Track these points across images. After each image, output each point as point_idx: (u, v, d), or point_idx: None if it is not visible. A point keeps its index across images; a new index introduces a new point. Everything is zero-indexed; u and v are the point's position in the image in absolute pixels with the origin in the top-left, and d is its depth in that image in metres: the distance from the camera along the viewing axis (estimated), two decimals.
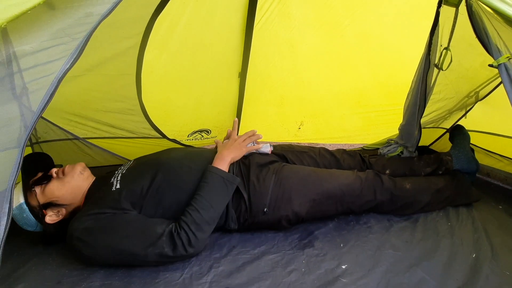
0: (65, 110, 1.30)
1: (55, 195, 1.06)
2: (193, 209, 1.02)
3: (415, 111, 1.34)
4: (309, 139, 2.01)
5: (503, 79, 0.92)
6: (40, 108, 0.54)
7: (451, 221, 1.24)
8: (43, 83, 0.55)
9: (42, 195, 1.05)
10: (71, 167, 1.13)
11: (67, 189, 1.08)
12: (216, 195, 1.08)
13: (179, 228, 0.99)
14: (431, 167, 1.43)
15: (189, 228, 0.99)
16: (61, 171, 1.11)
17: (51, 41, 0.56)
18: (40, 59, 0.56)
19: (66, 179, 1.09)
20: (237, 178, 1.14)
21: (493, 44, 0.93)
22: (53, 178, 1.08)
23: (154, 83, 1.38)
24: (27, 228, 1.06)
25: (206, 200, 1.05)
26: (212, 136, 1.89)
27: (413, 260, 1.04)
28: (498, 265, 1.01)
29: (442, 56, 1.22)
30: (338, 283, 0.96)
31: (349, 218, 1.28)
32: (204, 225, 1.01)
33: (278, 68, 1.67)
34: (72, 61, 0.56)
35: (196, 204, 1.03)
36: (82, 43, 0.57)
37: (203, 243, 1.02)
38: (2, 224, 0.50)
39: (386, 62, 1.60)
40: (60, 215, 1.08)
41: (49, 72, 0.55)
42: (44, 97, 0.54)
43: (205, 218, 1.02)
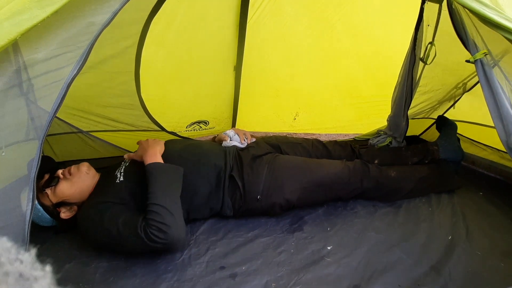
0: (69, 105, 1.38)
1: (66, 195, 1.13)
2: (150, 204, 1.02)
3: (402, 103, 1.40)
4: (304, 130, 2.08)
5: (479, 75, 0.98)
6: (54, 109, 0.62)
7: (432, 206, 1.33)
8: (55, 88, 0.62)
9: (54, 195, 1.12)
10: (76, 167, 1.18)
11: (76, 188, 1.15)
12: (165, 185, 1.08)
13: (147, 226, 0.98)
14: (418, 156, 1.50)
15: (155, 222, 0.98)
16: (68, 172, 1.16)
17: (59, 49, 0.63)
18: (51, 66, 0.63)
19: (74, 179, 1.15)
20: (178, 167, 1.15)
21: (471, 40, 0.99)
22: (61, 179, 1.14)
23: (152, 78, 1.44)
24: (44, 224, 1.16)
25: (159, 192, 1.05)
26: (210, 127, 1.96)
27: (393, 242, 1.13)
28: (471, 246, 1.10)
29: (427, 51, 1.27)
30: (322, 262, 1.06)
31: (337, 204, 1.37)
32: (167, 215, 1.00)
33: (272, 62, 1.72)
34: (78, 67, 0.64)
35: (151, 199, 1.03)
36: (86, 51, 0.64)
37: (175, 230, 0.99)
38: (28, 208, 0.59)
39: (375, 54, 1.65)
40: (73, 211, 1.16)
41: (59, 77, 0.63)
42: (56, 100, 0.61)
43: (166, 208, 1.01)
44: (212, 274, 1.01)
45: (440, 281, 0.95)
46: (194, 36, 1.42)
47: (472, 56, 0.99)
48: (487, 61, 0.97)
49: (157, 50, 1.36)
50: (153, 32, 1.22)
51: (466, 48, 1.01)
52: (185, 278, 1.00)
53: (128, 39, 1.15)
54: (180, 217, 1.04)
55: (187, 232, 1.21)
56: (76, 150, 1.54)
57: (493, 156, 1.56)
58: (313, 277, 0.99)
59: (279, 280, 0.99)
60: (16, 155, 0.77)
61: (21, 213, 0.59)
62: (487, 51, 0.97)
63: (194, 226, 1.24)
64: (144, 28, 1.15)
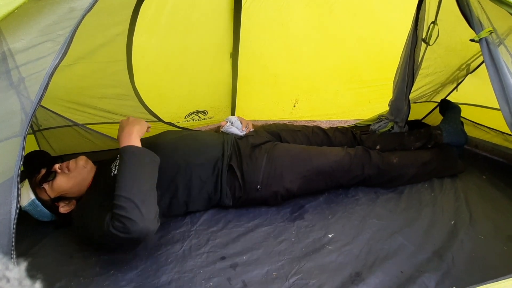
0: (63, 98, 1.34)
1: (63, 189, 1.12)
2: (116, 196, 0.91)
3: (404, 87, 1.36)
4: (304, 117, 2.04)
5: (484, 54, 0.93)
6: (35, 101, 0.59)
7: (435, 191, 1.31)
8: (35, 79, 0.59)
9: (52, 190, 1.11)
10: (74, 162, 1.16)
11: (74, 182, 1.14)
12: (135, 173, 0.96)
13: (113, 219, 0.90)
14: (420, 141, 1.47)
15: (119, 216, 0.88)
16: (66, 167, 1.13)
17: (40, 37, 0.59)
18: (31, 56, 0.59)
19: (71, 173, 1.14)
20: (154, 154, 1.05)
21: (475, 18, 0.94)
22: (58, 174, 1.12)
23: (145, 67, 1.40)
24: (43, 219, 1.15)
25: (128, 181, 0.94)
26: (209, 116, 1.93)
27: (395, 228, 1.12)
28: (474, 230, 1.09)
29: (429, 31, 1.22)
30: (324, 250, 1.05)
31: (338, 192, 1.36)
32: (133, 209, 0.89)
33: (270, 47, 1.66)
34: (60, 57, 0.60)
35: (117, 190, 0.92)
36: (68, 39, 0.61)
37: (141, 224, 0.88)
38: (13, 206, 0.57)
39: (376, 37, 1.59)
40: (71, 205, 1.15)
41: (40, 68, 0.59)
42: (38, 92, 0.58)
43: (132, 201, 0.90)
44: (213, 265, 1.01)
45: (443, 266, 0.94)
46: (187, 22, 1.37)
47: (477, 34, 0.95)
48: (492, 40, 0.93)
49: (149, 37, 1.31)
50: (144, 18, 1.17)
51: (471, 26, 0.97)
52: (185, 269, 0.99)
53: (118, 26, 1.10)
54: (149, 210, 0.92)
55: (187, 223, 1.21)
56: (73, 144, 1.52)
57: (497, 139, 1.53)
58: (315, 266, 0.99)
59: (280, 269, 0.98)
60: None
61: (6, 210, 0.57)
62: (492, 29, 0.93)
63: (194, 217, 1.23)
64: (134, 13, 1.10)
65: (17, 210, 0.58)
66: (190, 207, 1.22)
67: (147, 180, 0.98)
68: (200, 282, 0.94)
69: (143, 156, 1.02)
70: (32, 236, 1.17)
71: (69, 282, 0.96)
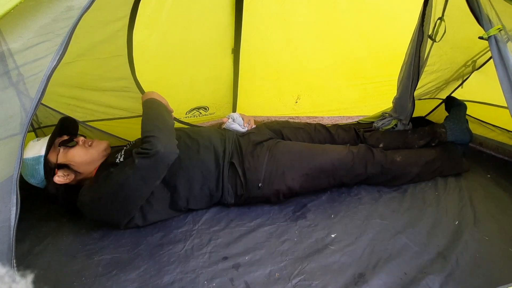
0: (63, 95, 1.33)
1: (74, 160, 1.12)
2: (142, 131, 1.06)
3: (409, 84, 1.34)
4: (306, 113, 2.02)
5: (492, 52, 0.91)
6: (33, 105, 0.57)
7: (439, 190, 1.30)
8: (33, 82, 0.57)
9: (64, 156, 1.12)
10: (98, 142, 1.21)
11: (87, 159, 1.15)
12: (153, 113, 1.13)
13: (142, 146, 1.01)
14: (424, 139, 1.45)
15: (144, 138, 1.03)
16: (88, 142, 1.18)
17: (37, 38, 0.57)
18: (28, 57, 0.58)
19: (91, 151, 1.16)
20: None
21: (484, 15, 0.91)
22: (79, 145, 1.15)
23: (147, 63, 1.38)
24: (30, 180, 1.12)
25: (146, 119, 1.10)
26: (210, 112, 1.91)
27: (399, 228, 1.11)
28: (479, 231, 1.07)
29: (436, 27, 1.19)
30: (326, 250, 1.04)
31: (341, 190, 1.34)
32: (154, 132, 1.03)
33: (272, 43, 1.64)
34: (58, 58, 0.58)
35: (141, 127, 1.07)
36: (66, 39, 0.58)
37: (161, 142, 1.01)
38: (12, 213, 0.56)
39: (380, 32, 1.56)
40: (67, 179, 1.14)
41: (37, 70, 0.57)
42: (35, 95, 0.57)
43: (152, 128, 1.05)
44: (215, 265, 1.00)
45: (447, 268, 0.93)
46: (188, 17, 1.34)
47: (486, 32, 0.92)
48: (502, 38, 0.90)
49: (149, 33, 1.29)
50: (143, 14, 1.15)
51: (480, 23, 0.94)
52: (188, 269, 0.99)
53: (117, 22, 1.07)
54: (171, 137, 1.08)
55: (189, 222, 1.20)
56: None
57: (502, 137, 1.51)
58: (317, 266, 0.98)
59: (282, 269, 0.98)
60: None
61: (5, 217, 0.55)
62: (501, 27, 0.90)
63: (196, 216, 1.23)
64: (133, 9, 1.07)
65: (16, 218, 0.57)
66: (191, 204, 1.21)
67: (165, 118, 1.13)
68: (203, 283, 0.94)
69: (162, 104, 1.19)
70: (34, 234, 1.17)
71: (72, 282, 0.96)
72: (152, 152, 0.98)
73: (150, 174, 1.03)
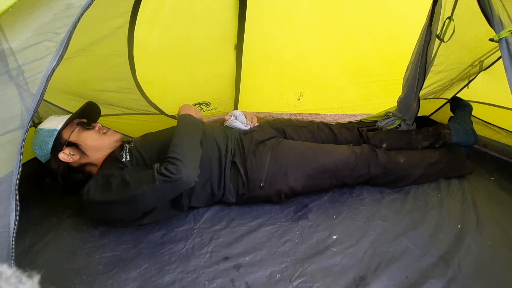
0: (63, 90, 1.31)
1: (86, 142, 1.15)
2: (171, 149, 1.05)
3: (414, 84, 1.31)
4: (309, 110, 2.00)
5: (503, 55, 0.89)
6: (32, 108, 0.55)
7: (442, 192, 1.29)
8: (32, 83, 0.55)
9: (76, 135, 1.14)
10: (113, 132, 1.25)
11: (97, 144, 1.17)
12: (186, 133, 1.13)
13: (167, 163, 1.01)
14: (428, 140, 1.44)
15: (174, 158, 1.01)
16: (104, 130, 1.22)
17: (36, 37, 0.56)
18: (27, 57, 0.56)
19: (104, 137, 1.20)
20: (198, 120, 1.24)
21: (496, 16, 0.89)
22: (94, 130, 1.19)
23: (147, 59, 1.35)
24: (36, 151, 1.13)
25: (178, 138, 1.09)
26: (212, 108, 1.90)
27: (400, 230, 1.11)
28: (481, 235, 1.07)
29: (444, 27, 1.16)
30: (328, 252, 1.04)
31: (343, 191, 1.34)
32: (182, 156, 1.02)
33: (276, 39, 1.61)
34: (58, 58, 0.56)
35: (172, 144, 1.07)
36: (66, 38, 0.56)
37: (186, 170, 1.00)
38: (11, 218, 0.55)
39: (387, 30, 1.52)
40: (72, 158, 1.14)
41: (37, 71, 0.56)
42: (35, 96, 0.55)
43: (181, 151, 1.04)
44: (216, 265, 1.00)
45: (449, 272, 0.93)
46: (190, 12, 1.31)
47: (497, 34, 0.90)
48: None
49: (151, 29, 1.26)
50: (145, 10, 1.12)
51: (491, 25, 0.92)
52: (189, 269, 0.99)
53: (118, 18, 1.05)
54: (195, 163, 1.07)
55: (190, 221, 1.20)
56: None
57: (507, 139, 1.49)
58: (318, 268, 0.98)
59: (283, 271, 0.98)
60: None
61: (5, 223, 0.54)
62: None
63: (197, 214, 1.23)
64: (135, 5, 1.04)
65: (16, 224, 0.56)
66: (193, 201, 1.21)
67: (196, 142, 1.14)
68: (204, 283, 0.94)
69: (198, 125, 1.20)
70: (34, 231, 1.17)
71: (73, 280, 0.96)
72: (174, 178, 0.98)
73: (166, 195, 1.05)
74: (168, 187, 0.99)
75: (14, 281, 0.42)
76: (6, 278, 0.44)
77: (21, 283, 0.43)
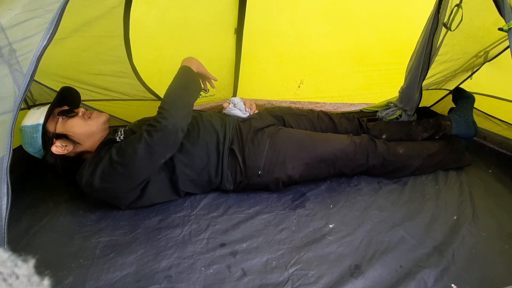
0: (57, 73, 1.27)
1: (73, 131, 1.11)
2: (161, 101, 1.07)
3: (418, 74, 1.29)
4: (309, 98, 1.97)
5: (511, 45, 0.86)
6: (23, 88, 0.53)
7: (439, 184, 1.29)
8: (22, 62, 0.53)
9: (62, 126, 1.10)
10: (98, 114, 1.19)
11: (86, 130, 1.13)
12: (178, 85, 1.12)
13: (155, 116, 1.04)
14: (428, 132, 1.43)
15: (158, 109, 1.05)
16: (88, 114, 1.17)
17: (25, 14, 0.52)
18: (16, 36, 0.53)
19: (90, 122, 1.15)
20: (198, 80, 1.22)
21: (507, 5, 0.86)
22: (78, 116, 1.14)
23: (144, 42, 1.31)
24: (28, 149, 1.11)
25: (169, 90, 1.10)
26: (211, 94, 1.86)
27: (397, 221, 1.11)
28: (476, 227, 1.07)
29: (452, 14, 1.13)
30: (324, 240, 1.05)
31: (341, 180, 1.34)
32: (168, 105, 1.05)
33: (277, 24, 1.56)
34: (48, 37, 0.53)
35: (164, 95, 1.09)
36: (57, 15, 0.53)
37: (172, 117, 1.03)
38: (3, 203, 0.53)
39: (392, 17, 1.48)
40: (65, 150, 1.12)
41: (26, 50, 0.53)
42: (25, 77, 0.52)
43: (169, 100, 1.06)
44: (213, 252, 1.01)
45: (443, 262, 0.94)
46: None
47: (506, 23, 0.87)
48: None
49: (148, 10, 1.21)
50: None
51: (501, 13, 0.89)
52: (185, 255, 0.99)
53: None
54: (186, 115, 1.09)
55: (188, 207, 1.20)
56: None
57: (507, 132, 1.48)
58: (314, 256, 0.99)
59: (279, 258, 0.98)
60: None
61: None
62: None
63: (194, 201, 1.22)
64: None
65: (8, 208, 0.55)
66: (190, 187, 1.21)
67: (188, 93, 1.13)
68: (200, 269, 0.95)
69: (194, 77, 1.18)
70: (31, 214, 1.17)
71: (70, 264, 0.96)
72: (159, 126, 1.01)
73: (155, 149, 1.03)
74: (157, 138, 1.01)
75: (10, 265, 0.41)
76: (2, 262, 0.43)
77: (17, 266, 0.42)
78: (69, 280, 0.91)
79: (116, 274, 0.93)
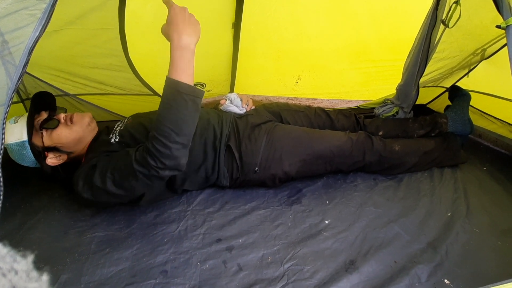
0: (51, 66, 1.25)
1: (61, 142, 1.08)
2: (153, 128, 0.89)
3: (415, 71, 1.29)
4: (306, 94, 1.97)
5: (509, 43, 0.86)
6: (14, 82, 0.52)
7: (434, 181, 1.30)
8: (14, 53, 0.51)
9: (49, 139, 1.07)
10: (79, 116, 1.13)
11: (74, 138, 1.10)
12: (173, 112, 0.86)
13: (142, 149, 0.91)
14: (425, 129, 1.43)
15: (151, 145, 0.87)
16: (69, 119, 1.11)
17: (17, 3, 0.51)
18: (8, 26, 0.51)
19: (75, 128, 1.10)
20: (201, 90, 0.93)
21: (505, 2, 0.86)
22: (61, 124, 1.09)
23: (140, 35, 1.29)
24: (22, 163, 1.09)
25: (162, 118, 0.87)
26: (208, 89, 1.85)
27: (392, 217, 1.12)
28: (470, 223, 1.09)
29: (450, 11, 1.12)
30: (319, 236, 1.05)
31: (337, 177, 1.34)
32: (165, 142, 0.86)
33: (275, 19, 1.54)
34: (41, 28, 0.52)
35: (155, 124, 0.88)
36: (49, 6, 0.52)
37: (171, 158, 0.88)
38: None
39: (391, 13, 1.47)
40: (61, 159, 1.11)
41: (18, 41, 0.51)
42: (16, 70, 0.51)
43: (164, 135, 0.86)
44: (209, 247, 1.01)
45: (437, 258, 0.95)
46: None
47: (505, 20, 0.87)
48: None
49: (144, 2, 1.19)
50: None
51: (499, 11, 0.88)
52: (181, 250, 0.99)
53: None
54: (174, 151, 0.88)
55: (184, 203, 1.19)
56: None
57: (502, 130, 1.49)
58: (310, 251, 0.99)
59: (275, 253, 0.99)
60: None
61: None
62: None
63: (191, 197, 1.22)
64: None
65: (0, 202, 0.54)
66: (187, 185, 1.20)
67: (189, 125, 0.90)
68: (196, 264, 0.95)
69: (186, 95, 0.87)
70: (25, 209, 1.16)
71: (65, 258, 0.95)
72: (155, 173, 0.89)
73: (155, 184, 0.98)
74: (157, 180, 0.94)
75: (9, 260, 0.41)
76: (1, 257, 0.43)
77: (16, 262, 0.42)
78: (64, 275, 0.90)
79: (112, 269, 0.93)
